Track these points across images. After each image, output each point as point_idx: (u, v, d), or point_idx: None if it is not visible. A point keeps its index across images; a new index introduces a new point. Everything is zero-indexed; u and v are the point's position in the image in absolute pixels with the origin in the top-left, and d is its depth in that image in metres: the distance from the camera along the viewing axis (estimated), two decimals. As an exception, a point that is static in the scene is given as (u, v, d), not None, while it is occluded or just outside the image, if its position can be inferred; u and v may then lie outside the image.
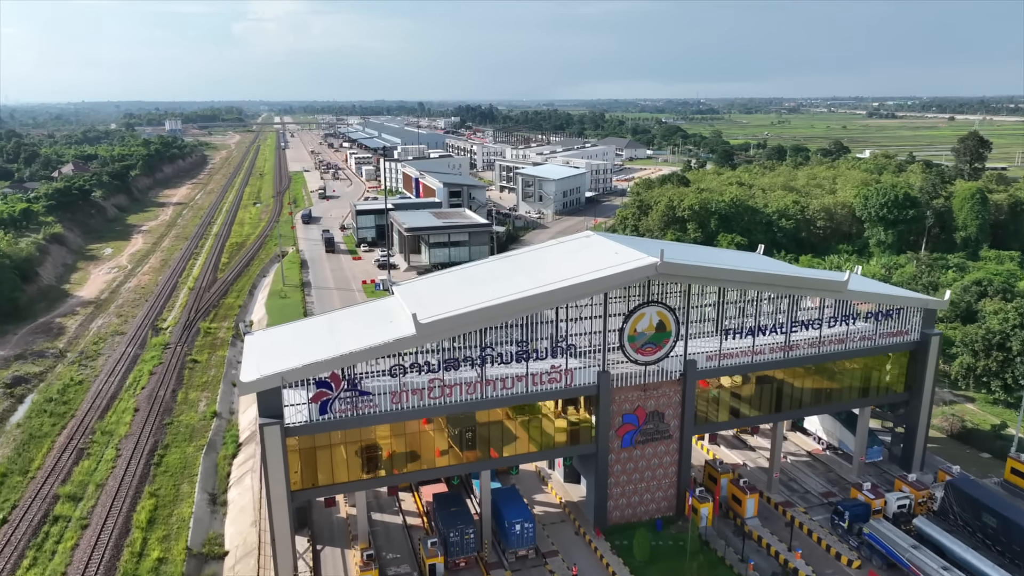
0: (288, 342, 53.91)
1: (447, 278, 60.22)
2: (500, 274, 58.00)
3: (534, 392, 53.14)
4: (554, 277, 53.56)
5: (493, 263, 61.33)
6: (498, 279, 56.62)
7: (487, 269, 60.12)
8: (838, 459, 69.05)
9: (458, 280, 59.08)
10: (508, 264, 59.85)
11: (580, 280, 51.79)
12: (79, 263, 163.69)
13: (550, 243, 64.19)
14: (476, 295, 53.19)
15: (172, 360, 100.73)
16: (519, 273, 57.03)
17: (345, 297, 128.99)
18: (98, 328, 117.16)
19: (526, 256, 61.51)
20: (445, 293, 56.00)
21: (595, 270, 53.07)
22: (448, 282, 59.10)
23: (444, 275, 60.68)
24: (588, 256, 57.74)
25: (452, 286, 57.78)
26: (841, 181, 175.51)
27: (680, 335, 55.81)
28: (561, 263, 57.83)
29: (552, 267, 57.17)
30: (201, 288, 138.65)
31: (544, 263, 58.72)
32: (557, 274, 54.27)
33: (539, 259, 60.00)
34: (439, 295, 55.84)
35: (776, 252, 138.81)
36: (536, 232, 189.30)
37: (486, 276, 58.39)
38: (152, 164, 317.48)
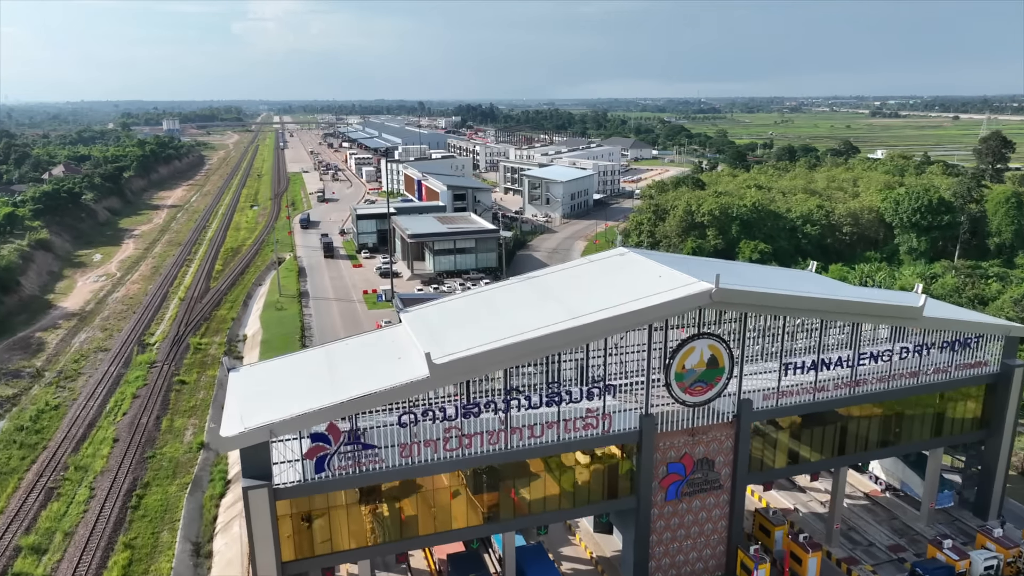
0: (278, 383, 46.11)
1: (462, 303, 52.35)
2: (524, 300, 50.19)
3: (567, 440, 45.44)
4: (590, 305, 45.81)
5: (514, 286, 53.43)
6: (523, 307, 48.83)
7: (509, 293, 52.24)
8: (901, 503, 61.30)
9: (476, 306, 51.19)
10: (533, 288, 51.94)
11: (622, 310, 44.00)
12: (65, 271, 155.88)
13: (579, 262, 56.28)
14: (499, 327, 45.48)
15: (158, 381, 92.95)
16: (547, 299, 49.25)
17: (345, 309, 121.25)
18: (80, 344, 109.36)
19: (553, 278, 53.61)
20: (462, 323, 48.20)
21: (638, 297, 45.28)
22: (464, 309, 51.21)
23: (459, 300, 52.83)
24: (627, 279, 49.99)
25: (469, 314, 49.95)
26: (863, 183, 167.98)
27: (734, 371, 48.05)
28: (596, 287, 50.07)
29: (585, 292, 49.42)
30: (193, 299, 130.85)
31: (575, 287, 50.88)
32: (593, 301, 46.55)
33: (568, 281, 52.15)
34: (455, 325, 48.07)
35: (801, 260, 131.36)
36: (544, 237, 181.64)
37: (508, 302, 50.55)
38: (147, 165, 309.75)
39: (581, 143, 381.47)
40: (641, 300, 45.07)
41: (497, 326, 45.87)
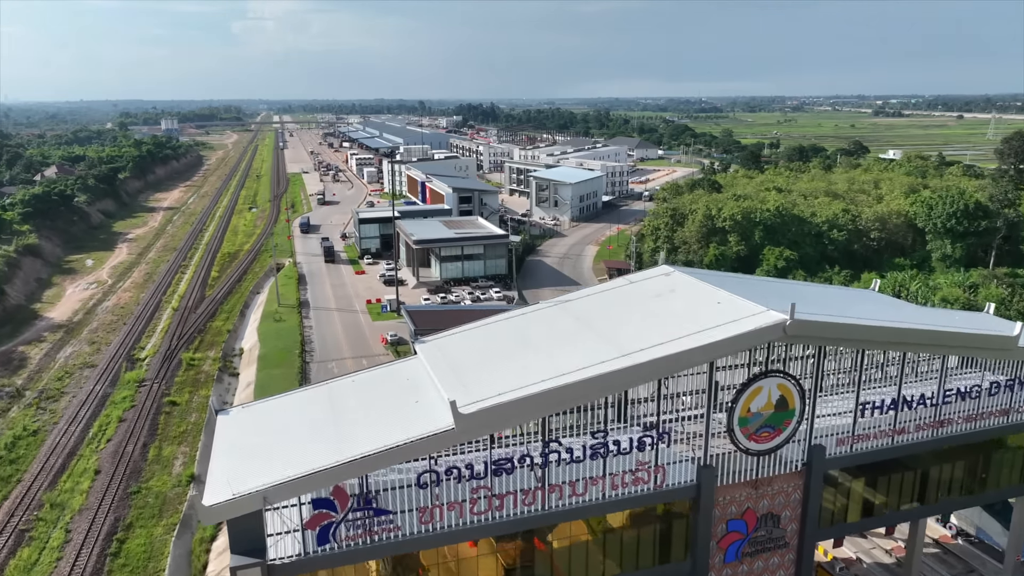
0: (273, 431, 39.21)
1: (487, 333, 45.44)
2: (560, 331, 43.34)
3: (614, 498, 38.64)
4: (639, 339, 39.00)
5: (546, 312, 46.53)
6: (559, 339, 41.98)
7: (540, 322, 45.36)
8: (976, 552, 54.50)
9: (503, 338, 44.30)
10: (568, 315, 45.05)
11: (681, 347, 37.16)
12: (55, 278, 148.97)
13: (618, 283, 49.35)
14: (533, 365, 38.65)
15: (146, 402, 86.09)
16: (586, 329, 42.39)
17: (348, 320, 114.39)
18: (66, 359, 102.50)
19: (590, 303, 46.69)
20: (489, 360, 41.36)
21: (697, 330, 38.45)
22: (490, 340, 44.34)
23: (482, 328, 45.91)
24: (679, 305, 43.14)
25: (497, 348, 43.07)
26: (885, 186, 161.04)
27: (805, 414, 41.22)
28: (642, 315, 43.18)
29: (631, 321, 42.54)
30: (187, 308, 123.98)
31: (618, 314, 43.98)
32: (641, 333, 39.76)
33: (609, 308, 45.24)
34: (481, 362, 41.23)
35: (829, 268, 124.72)
36: (554, 241, 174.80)
37: (541, 333, 43.67)
38: (143, 166, 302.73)
39: (586, 143, 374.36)
40: (701, 334, 38.22)
41: (531, 364, 38.99)
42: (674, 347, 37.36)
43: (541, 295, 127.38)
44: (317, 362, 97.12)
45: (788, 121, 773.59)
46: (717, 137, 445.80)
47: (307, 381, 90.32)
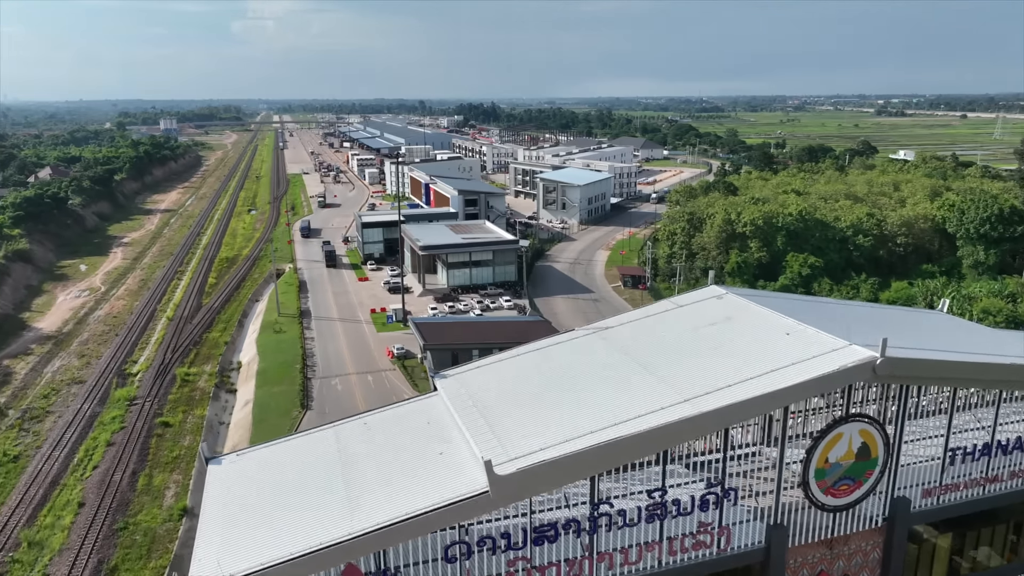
0: (273, 489, 33.50)
1: (517, 367, 39.71)
2: (603, 365, 37.64)
3: (672, 566, 33.07)
4: (699, 377, 33.41)
5: (584, 341, 40.80)
6: (603, 377, 36.28)
7: (578, 354, 39.66)
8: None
9: (537, 373, 38.59)
10: (609, 346, 39.33)
11: (753, 390, 31.47)
12: (45, 284, 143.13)
13: (664, 306, 43.59)
14: (577, 411, 33.01)
15: (137, 423, 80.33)
16: (634, 364, 36.68)
17: (351, 331, 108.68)
18: (53, 374, 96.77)
19: (633, 331, 40.95)
20: (523, 402, 35.64)
21: (768, 369, 32.81)
22: (522, 376, 38.61)
23: (512, 361, 40.20)
24: (740, 336, 37.46)
25: (531, 386, 37.35)
26: (907, 188, 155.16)
27: (888, 463, 35.56)
28: (698, 347, 37.47)
29: (685, 354, 36.83)
30: (182, 318, 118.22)
31: (669, 346, 38.31)
32: (700, 370, 34.15)
33: (658, 337, 39.56)
34: (514, 405, 35.52)
35: (855, 275, 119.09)
36: (563, 245, 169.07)
37: (581, 369, 38.00)
38: (141, 167, 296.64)
39: (590, 143, 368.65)
40: (775, 375, 32.56)
41: (574, 409, 33.36)
42: (745, 391, 31.69)
43: (553, 303, 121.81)
44: (319, 378, 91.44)
45: (791, 121, 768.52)
46: (722, 137, 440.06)
47: (309, 399, 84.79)
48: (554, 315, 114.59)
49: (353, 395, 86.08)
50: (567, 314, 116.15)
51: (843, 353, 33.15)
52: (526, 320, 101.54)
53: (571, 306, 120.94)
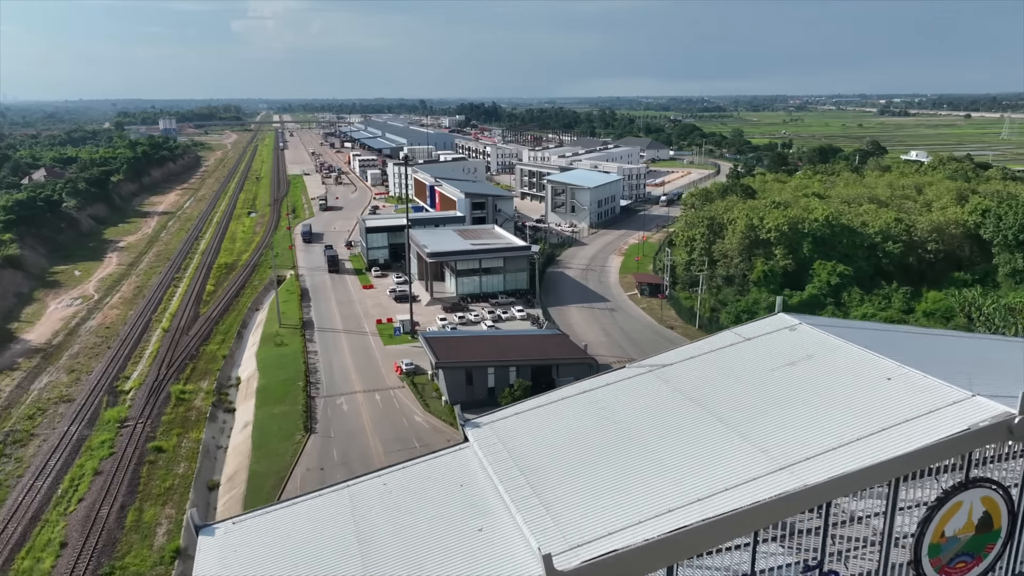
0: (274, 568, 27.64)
1: (563, 414, 33.90)
2: (666, 414, 31.85)
3: (760, 666, 27.18)
4: (790, 438, 27.64)
5: (640, 383, 34.97)
6: (670, 431, 30.48)
7: (635, 399, 33.86)
8: None
9: (587, 423, 32.79)
10: (671, 389, 33.53)
11: (865, 460, 25.66)
12: (36, 292, 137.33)
13: (727, 340, 37.72)
14: (642, 476, 27.23)
15: (128, 448, 74.60)
16: (705, 415, 30.92)
17: (357, 345, 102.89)
18: (40, 391, 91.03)
19: (698, 370, 35.11)
20: (573, 460, 29.88)
21: (878, 428, 27.00)
22: (568, 425, 32.82)
23: (556, 407, 34.40)
24: (829, 381, 31.67)
25: (581, 439, 31.57)
26: (931, 192, 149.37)
27: (1014, 535, 29.76)
28: (780, 395, 31.60)
29: (768, 406, 30.95)
30: (178, 329, 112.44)
31: (744, 393, 32.45)
32: (791, 429, 28.38)
33: (728, 381, 33.76)
34: (562, 463, 29.76)
35: (885, 283, 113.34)
36: (574, 250, 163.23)
37: (640, 419, 32.21)
38: (138, 168, 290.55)
39: (595, 144, 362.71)
40: (885, 434, 26.78)
41: (641, 476, 27.55)
42: (853, 456, 25.90)
43: (567, 313, 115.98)
44: (324, 397, 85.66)
45: (794, 121, 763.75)
46: (727, 137, 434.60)
47: (313, 421, 78.99)
48: (569, 326, 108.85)
49: (360, 416, 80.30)
50: (583, 325, 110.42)
51: (967, 408, 27.37)
52: (542, 334, 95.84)
53: (586, 316, 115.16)
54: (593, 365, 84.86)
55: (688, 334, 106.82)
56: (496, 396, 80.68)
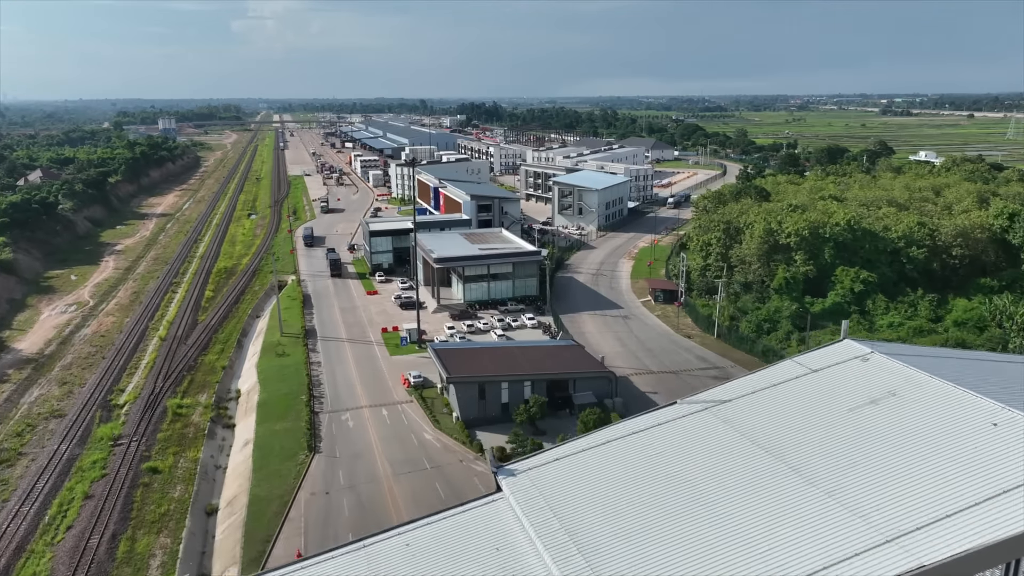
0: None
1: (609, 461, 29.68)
2: (731, 462, 27.69)
3: None
4: (884, 497, 23.37)
5: (696, 424, 30.79)
6: (737, 484, 26.31)
7: (692, 444, 29.70)
8: None
9: (639, 473, 28.62)
10: (734, 432, 29.36)
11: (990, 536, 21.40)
12: (30, 298, 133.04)
13: (786, 372, 33.49)
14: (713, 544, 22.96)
15: (121, 468, 70.32)
16: (782, 470, 26.67)
17: (362, 355, 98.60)
18: (30, 405, 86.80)
19: (761, 408, 30.89)
20: (632, 524, 25.55)
21: (998, 490, 22.73)
22: (617, 475, 28.66)
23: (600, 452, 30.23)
24: (925, 427, 27.41)
25: (637, 498, 27.29)
26: (951, 194, 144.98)
27: None
28: (868, 447, 27.32)
29: (857, 459, 26.67)
30: (176, 338, 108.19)
31: (823, 440, 28.18)
32: (886, 487, 24.13)
33: (798, 422, 29.53)
34: (614, 522, 25.51)
35: (911, 291, 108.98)
36: (583, 254, 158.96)
37: (700, 467, 28.00)
38: (136, 168, 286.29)
39: (599, 144, 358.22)
40: (1006, 498, 22.53)
41: (709, 543, 23.29)
42: (972, 527, 21.67)
43: (580, 321, 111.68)
44: (328, 412, 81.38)
45: (796, 120, 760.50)
46: (731, 137, 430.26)
47: (317, 439, 74.72)
48: (582, 335, 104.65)
49: (367, 433, 76.04)
50: (596, 334, 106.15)
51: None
52: (557, 345, 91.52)
53: (600, 324, 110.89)
54: (611, 379, 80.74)
55: (706, 343, 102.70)
56: (510, 412, 76.54)
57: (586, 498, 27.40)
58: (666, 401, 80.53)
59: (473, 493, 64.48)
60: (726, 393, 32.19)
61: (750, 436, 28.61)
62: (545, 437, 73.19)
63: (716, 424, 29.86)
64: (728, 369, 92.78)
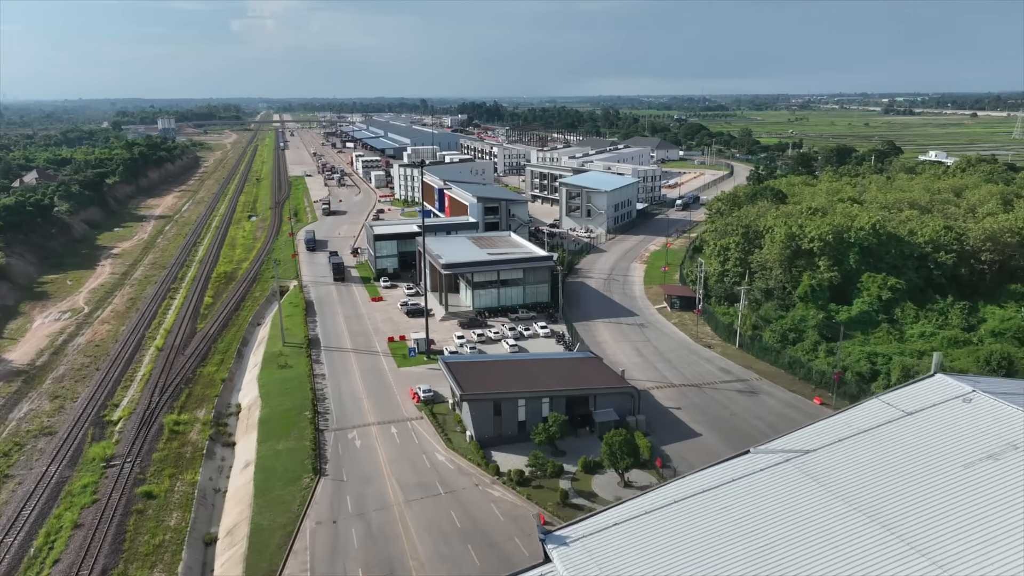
0: None
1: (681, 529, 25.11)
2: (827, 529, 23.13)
3: None
4: None
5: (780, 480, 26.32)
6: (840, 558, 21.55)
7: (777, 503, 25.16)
8: None
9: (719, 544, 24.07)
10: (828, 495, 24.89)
11: None
12: (23, 305, 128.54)
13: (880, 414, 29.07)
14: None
15: (113, 494, 65.78)
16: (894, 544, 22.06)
17: (368, 367, 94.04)
18: (18, 422, 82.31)
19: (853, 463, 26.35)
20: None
21: None
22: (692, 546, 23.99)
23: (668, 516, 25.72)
24: None
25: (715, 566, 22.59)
26: (973, 196, 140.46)
27: None
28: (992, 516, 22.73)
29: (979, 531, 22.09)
30: (173, 347, 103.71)
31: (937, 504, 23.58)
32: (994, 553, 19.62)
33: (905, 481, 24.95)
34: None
35: (940, 298, 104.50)
36: (593, 257, 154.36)
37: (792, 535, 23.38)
38: (135, 169, 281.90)
39: (604, 144, 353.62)
40: None
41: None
42: None
43: (594, 329, 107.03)
44: (334, 430, 76.83)
45: (799, 120, 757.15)
46: (736, 137, 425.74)
47: (322, 460, 70.21)
48: (598, 344, 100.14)
49: (375, 454, 71.50)
50: (612, 343, 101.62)
51: None
52: (575, 357, 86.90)
53: (615, 333, 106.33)
54: (634, 395, 76.28)
55: (728, 353, 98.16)
56: (527, 430, 72.04)
57: (651, 571, 22.87)
58: (691, 419, 76.67)
59: (491, 522, 60.21)
60: (807, 440, 27.69)
61: (845, 497, 24.15)
62: (566, 458, 68.82)
63: (801, 480, 25.37)
64: (753, 382, 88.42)
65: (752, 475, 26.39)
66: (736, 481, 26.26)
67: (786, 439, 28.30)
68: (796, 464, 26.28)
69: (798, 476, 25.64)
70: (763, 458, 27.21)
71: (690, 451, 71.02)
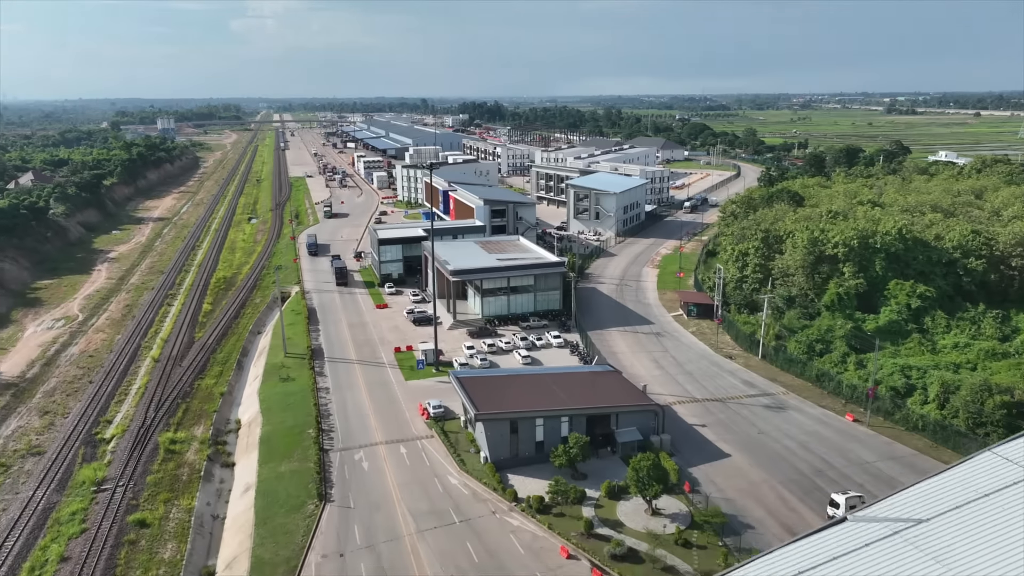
0: None
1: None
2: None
3: None
4: None
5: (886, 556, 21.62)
6: None
7: None
8: None
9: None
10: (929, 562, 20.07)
11: None
12: (15, 312, 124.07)
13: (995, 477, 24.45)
14: None
15: (104, 522, 61.35)
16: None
17: (374, 380, 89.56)
18: (5, 440, 77.89)
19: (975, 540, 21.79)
20: None
21: None
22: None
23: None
24: None
25: None
26: (996, 198, 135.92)
27: None
28: None
29: None
30: (170, 358, 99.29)
31: None
32: None
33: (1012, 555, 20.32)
34: None
35: (971, 305, 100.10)
36: (603, 261, 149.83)
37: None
38: (133, 170, 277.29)
39: (609, 144, 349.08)
40: None
41: None
42: None
43: (609, 339, 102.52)
44: (339, 450, 72.39)
45: (801, 119, 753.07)
46: (740, 136, 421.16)
47: (328, 484, 65.72)
48: (614, 355, 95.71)
49: (384, 477, 67.03)
50: (629, 354, 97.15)
51: None
52: (594, 371, 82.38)
53: (631, 343, 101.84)
54: (658, 412, 71.82)
55: (751, 365, 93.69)
56: (545, 451, 67.62)
57: None
58: (718, 437, 71.71)
59: (510, 554, 55.73)
60: (915, 505, 23.23)
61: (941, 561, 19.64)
62: (587, 482, 64.43)
63: (917, 559, 20.89)
64: (780, 396, 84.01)
65: (856, 551, 21.96)
66: (838, 559, 21.82)
67: (889, 503, 23.85)
68: (907, 538, 21.86)
69: (913, 554, 21.21)
70: (866, 529, 22.77)
71: (719, 474, 66.56)
